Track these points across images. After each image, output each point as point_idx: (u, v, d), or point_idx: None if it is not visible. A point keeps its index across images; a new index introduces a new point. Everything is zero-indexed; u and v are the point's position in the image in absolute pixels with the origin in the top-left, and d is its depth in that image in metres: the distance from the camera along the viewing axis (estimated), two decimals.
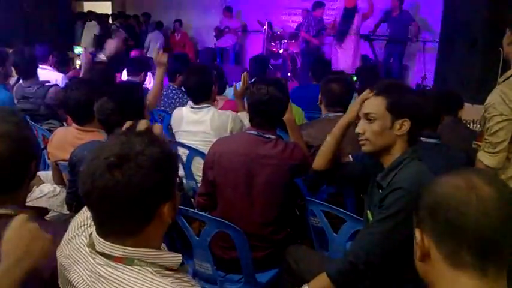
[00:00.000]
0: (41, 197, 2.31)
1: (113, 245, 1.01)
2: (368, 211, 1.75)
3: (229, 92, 4.06)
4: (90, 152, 1.04)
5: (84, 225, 1.18)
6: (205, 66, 3.37)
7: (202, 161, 2.33)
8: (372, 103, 1.65)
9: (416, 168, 1.58)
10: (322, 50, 8.37)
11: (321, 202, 2.15)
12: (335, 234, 2.11)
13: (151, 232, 1.05)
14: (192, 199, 2.47)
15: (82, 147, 2.04)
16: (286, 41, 8.69)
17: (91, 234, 1.08)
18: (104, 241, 1.02)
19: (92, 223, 1.09)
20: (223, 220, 1.90)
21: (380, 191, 1.65)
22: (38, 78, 3.74)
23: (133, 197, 0.98)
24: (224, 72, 3.88)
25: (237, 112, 2.95)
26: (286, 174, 2.05)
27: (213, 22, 9.85)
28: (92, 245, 1.05)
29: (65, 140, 2.42)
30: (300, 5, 8.93)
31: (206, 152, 2.27)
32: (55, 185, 2.44)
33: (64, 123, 3.40)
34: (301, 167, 2.10)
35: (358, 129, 1.69)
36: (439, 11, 5.88)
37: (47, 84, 3.67)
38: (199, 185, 2.55)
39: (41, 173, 2.74)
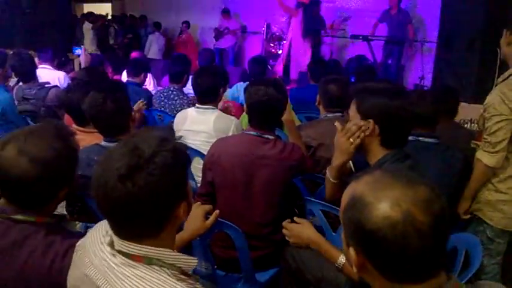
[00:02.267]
0: None
1: (133, 244, 1.03)
2: None
3: (228, 93, 4.09)
4: (100, 161, 1.05)
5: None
6: (215, 68, 3.39)
7: (202, 162, 2.34)
8: (352, 105, 1.73)
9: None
10: (321, 50, 8.41)
11: (320, 201, 2.15)
12: (334, 233, 2.13)
13: (168, 233, 1.08)
14: (192, 199, 2.48)
15: (80, 151, 2.03)
16: (285, 41, 8.71)
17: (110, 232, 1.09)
18: (123, 241, 1.04)
19: None
20: (222, 220, 1.91)
21: None
22: (37, 79, 3.75)
23: (147, 205, 0.99)
24: (228, 74, 3.91)
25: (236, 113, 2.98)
26: (285, 174, 2.06)
27: (212, 23, 9.87)
28: (111, 244, 1.06)
29: None
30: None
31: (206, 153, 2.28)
32: None
33: None
34: (300, 167, 2.12)
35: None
36: (437, 11, 5.90)
37: (46, 85, 3.69)
38: (199, 185, 2.56)
39: None
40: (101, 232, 1.13)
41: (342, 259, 1.60)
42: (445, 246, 0.92)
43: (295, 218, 1.81)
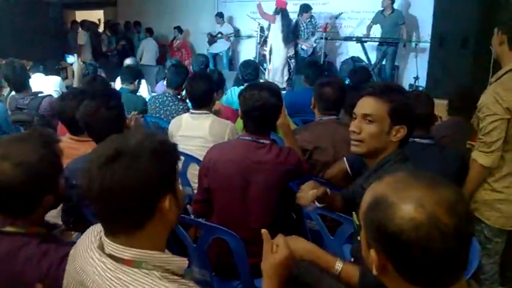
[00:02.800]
0: None
1: (121, 246, 1.02)
2: (354, 213, 1.72)
3: (223, 98, 4.09)
4: (89, 154, 1.06)
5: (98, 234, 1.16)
6: (208, 73, 3.42)
7: (198, 168, 2.33)
8: (373, 104, 1.59)
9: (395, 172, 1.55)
10: (315, 53, 8.44)
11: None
12: (332, 237, 2.12)
13: (154, 229, 1.05)
14: (188, 205, 2.47)
15: (76, 160, 2.03)
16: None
17: (100, 235, 1.09)
18: (112, 243, 1.03)
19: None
20: (219, 226, 1.90)
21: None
22: (30, 89, 3.74)
23: (131, 189, 0.98)
24: (224, 79, 3.92)
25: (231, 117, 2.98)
26: (281, 178, 2.06)
27: (205, 28, 9.88)
28: (101, 247, 1.06)
29: None
30: (292, 9, 8.97)
31: (202, 158, 2.28)
32: None
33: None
34: (296, 171, 2.11)
35: (353, 128, 1.63)
36: (431, 11, 5.92)
37: (40, 95, 3.67)
38: (195, 191, 2.55)
39: None
40: (90, 237, 1.12)
41: (338, 266, 1.52)
42: (468, 249, 0.90)
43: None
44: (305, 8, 8.07)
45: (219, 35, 9.64)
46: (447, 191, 0.88)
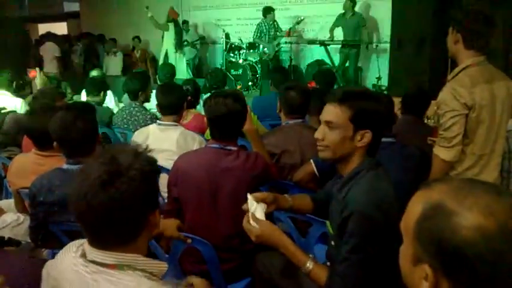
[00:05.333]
0: (4, 227, 2.26)
1: (105, 252, 1.07)
2: (328, 222, 1.72)
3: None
4: (77, 174, 1.09)
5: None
6: (178, 85, 3.43)
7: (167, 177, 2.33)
8: (334, 111, 1.56)
9: (371, 183, 1.52)
10: (277, 57, 8.55)
11: None
12: (303, 238, 2.16)
13: (142, 241, 1.13)
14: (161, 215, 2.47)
15: (41, 177, 1.99)
16: (245, 51, 8.79)
17: (83, 244, 1.14)
18: (95, 250, 1.08)
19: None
20: (190, 235, 1.91)
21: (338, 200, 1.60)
22: None
23: (126, 210, 1.05)
24: (200, 88, 3.93)
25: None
26: (250, 184, 2.06)
27: None
28: (83, 255, 1.10)
29: (24, 167, 2.38)
30: (256, 15, 9.07)
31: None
32: (18, 214, 2.39)
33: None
34: (264, 175, 2.14)
35: (317, 134, 1.62)
36: (389, 13, 6.08)
37: (3, 111, 3.60)
38: (166, 201, 2.55)
39: (3, 202, 2.68)
40: (71, 250, 1.16)
41: (309, 265, 1.53)
42: None
43: (251, 221, 1.61)
44: (268, 10, 8.19)
45: (185, 43, 9.62)
46: (511, 197, 0.78)
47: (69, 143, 1.98)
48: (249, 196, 1.65)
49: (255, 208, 1.63)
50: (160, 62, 8.80)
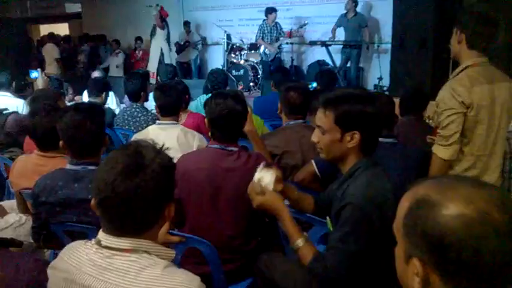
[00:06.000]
0: (6, 227, 2.26)
1: (120, 238, 1.14)
2: (328, 217, 1.76)
3: (192, 104, 4.11)
4: (103, 163, 1.17)
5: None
6: (175, 85, 3.44)
7: None
8: (321, 116, 1.64)
9: (367, 179, 1.56)
10: (281, 57, 8.55)
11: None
12: None
13: (156, 230, 1.21)
14: None
15: (44, 177, 1.99)
16: (246, 51, 8.80)
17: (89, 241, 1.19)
18: (110, 236, 1.14)
19: None
20: (192, 236, 1.91)
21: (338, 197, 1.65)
22: None
23: (148, 200, 1.13)
24: (188, 88, 3.93)
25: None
26: None
27: (173, 37, 9.86)
28: (98, 243, 1.16)
29: (26, 167, 2.38)
30: (256, 16, 9.08)
31: None
32: (20, 214, 2.40)
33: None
34: None
35: (313, 138, 1.70)
36: (391, 13, 6.07)
37: (5, 112, 3.61)
38: None
39: (5, 203, 2.69)
40: (79, 243, 1.21)
41: (300, 242, 1.60)
42: None
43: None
44: (269, 10, 8.19)
45: (187, 44, 9.64)
46: (495, 190, 0.82)
47: (79, 143, 1.97)
48: (261, 165, 1.77)
49: (263, 175, 1.74)
50: (156, 61, 8.78)
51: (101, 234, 1.17)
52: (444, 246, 0.78)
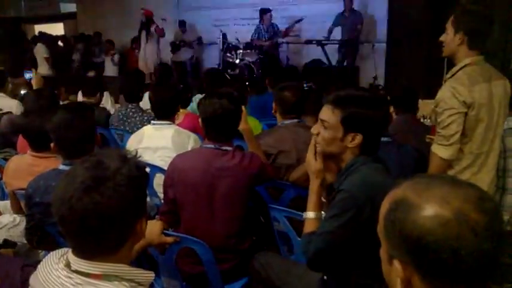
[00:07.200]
0: (1, 228, 2.26)
1: (90, 262, 1.02)
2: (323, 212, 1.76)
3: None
4: (62, 178, 1.04)
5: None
6: (172, 84, 3.42)
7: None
8: (328, 112, 1.63)
9: (364, 172, 1.58)
10: (277, 56, 8.53)
11: (283, 208, 2.18)
12: (299, 238, 2.15)
13: (127, 249, 1.08)
14: (156, 216, 2.46)
15: (38, 177, 1.98)
16: (241, 51, 8.78)
17: (66, 254, 1.08)
18: (80, 259, 1.03)
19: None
20: (187, 236, 1.91)
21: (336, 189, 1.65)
22: None
23: (112, 218, 1.00)
24: (191, 88, 3.93)
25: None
26: (246, 184, 2.08)
27: (168, 37, 9.83)
28: (68, 265, 1.05)
29: (20, 168, 2.37)
30: (252, 15, 9.07)
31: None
32: (14, 215, 2.39)
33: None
34: (260, 175, 2.14)
35: (313, 130, 1.70)
36: (386, 12, 6.09)
37: None
38: (162, 202, 2.55)
39: None
40: (53, 260, 1.10)
41: (310, 214, 1.68)
42: (500, 251, 0.80)
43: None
44: (264, 11, 8.17)
45: (182, 43, 9.60)
46: (471, 189, 0.82)
47: (68, 143, 1.96)
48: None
49: None
50: (152, 61, 8.72)
51: (70, 256, 1.05)
52: (423, 247, 0.79)
